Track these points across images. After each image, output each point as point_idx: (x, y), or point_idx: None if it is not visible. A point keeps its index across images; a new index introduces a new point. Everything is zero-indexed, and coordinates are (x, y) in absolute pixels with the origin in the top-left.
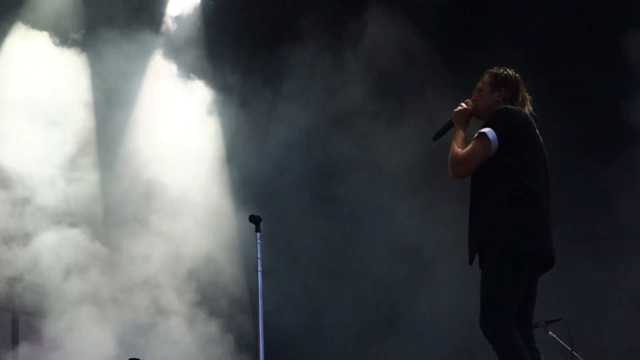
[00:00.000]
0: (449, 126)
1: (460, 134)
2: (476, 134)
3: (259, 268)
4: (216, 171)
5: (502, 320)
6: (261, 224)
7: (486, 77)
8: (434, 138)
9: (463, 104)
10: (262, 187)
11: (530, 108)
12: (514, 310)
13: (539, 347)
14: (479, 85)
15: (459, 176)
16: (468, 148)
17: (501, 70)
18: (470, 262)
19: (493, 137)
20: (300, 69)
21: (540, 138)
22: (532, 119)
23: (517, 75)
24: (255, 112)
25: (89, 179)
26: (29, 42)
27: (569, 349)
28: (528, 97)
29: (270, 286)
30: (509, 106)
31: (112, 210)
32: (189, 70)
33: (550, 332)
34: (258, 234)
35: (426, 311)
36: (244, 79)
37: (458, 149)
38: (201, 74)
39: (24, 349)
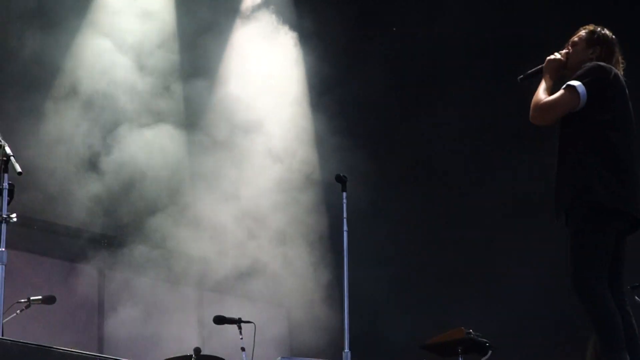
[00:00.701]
0: (538, 71)
1: (547, 82)
2: (564, 85)
3: (345, 228)
4: None
5: (592, 280)
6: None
7: (582, 32)
8: (521, 79)
9: (557, 54)
10: None
11: (622, 71)
12: (604, 270)
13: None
14: (574, 39)
15: (540, 122)
16: (555, 96)
17: (599, 28)
18: (556, 218)
19: (582, 91)
20: None
21: (630, 102)
22: (622, 78)
23: (613, 36)
24: None
25: None
26: None
27: None
28: (622, 60)
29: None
30: (601, 62)
31: None
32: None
33: (636, 297)
34: (344, 193)
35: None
36: None
37: (543, 95)
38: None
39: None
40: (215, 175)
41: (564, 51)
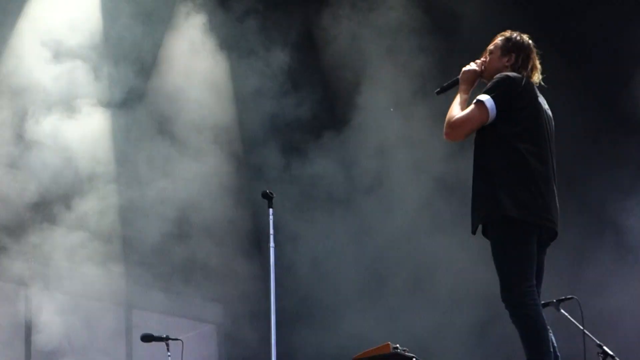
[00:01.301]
0: (454, 83)
1: (463, 94)
2: (475, 100)
3: (272, 244)
4: None
5: (520, 292)
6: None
7: (498, 40)
8: (437, 92)
9: (472, 64)
10: None
11: (539, 77)
12: (531, 279)
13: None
14: (490, 47)
15: (452, 139)
16: (464, 112)
17: (515, 34)
18: (473, 232)
19: (491, 105)
20: None
21: (545, 107)
22: (534, 87)
23: (530, 41)
24: None
25: None
26: None
27: (581, 327)
28: (538, 66)
29: None
30: (510, 73)
31: None
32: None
33: (562, 310)
34: (270, 209)
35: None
36: None
37: (455, 112)
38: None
39: None
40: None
41: (480, 60)
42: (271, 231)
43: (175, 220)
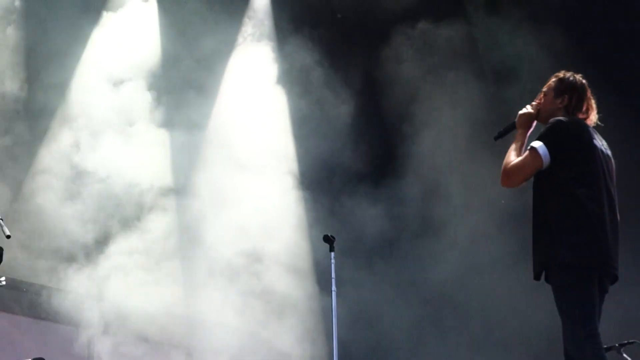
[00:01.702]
0: (511, 127)
1: (520, 138)
2: (529, 146)
3: (333, 288)
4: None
5: (585, 340)
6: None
7: (552, 81)
8: (495, 137)
9: (527, 107)
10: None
11: (595, 117)
12: (592, 322)
13: None
14: (544, 89)
15: (508, 186)
16: (519, 160)
17: (568, 75)
18: (536, 278)
19: (544, 152)
20: None
21: (602, 147)
22: (590, 128)
23: (584, 81)
24: None
25: None
26: None
27: None
28: (594, 106)
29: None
30: (564, 117)
31: None
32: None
33: (624, 355)
34: (332, 253)
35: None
36: None
37: (511, 158)
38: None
39: None
40: None
41: (535, 102)
42: (332, 274)
43: (243, 249)
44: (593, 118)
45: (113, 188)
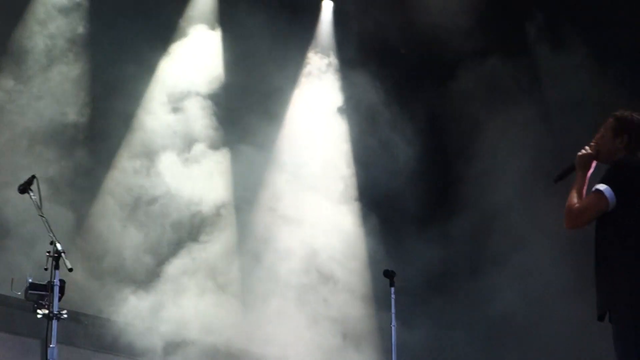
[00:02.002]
0: (571, 169)
1: (580, 180)
2: (593, 189)
3: (393, 323)
4: None
5: None
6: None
7: (610, 121)
8: (555, 180)
9: (586, 147)
10: None
11: None
12: None
13: None
14: (602, 129)
15: (572, 227)
16: (584, 202)
17: (626, 114)
18: (600, 319)
19: (610, 195)
20: None
21: None
22: None
23: None
24: None
25: None
26: None
27: None
28: None
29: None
30: (628, 158)
31: None
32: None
33: None
34: (392, 288)
35: None
36: None
37: (574, 200)
38: None
39: None
40: None
41: (593, 143)
42: (392, 310)
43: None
44: None
45: (175, 209)
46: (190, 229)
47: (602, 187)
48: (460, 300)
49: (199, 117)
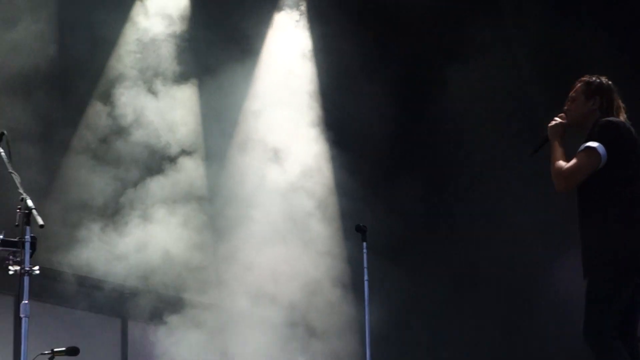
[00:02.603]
0: (544, 140)
1: (557, 148)
2: (582, 147)
3: (366, 277)
4: None
5: (605, 332)
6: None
7: (579, 86)
8: (531, 153)
9: (556, 118)
10: None
11: (625, 116)
12: (617, 322)
13: None
14: (572, 94)
15: (566, 189)
16: (574, 161)
17: (594, 78)
18: (584, 277)
19: (603, 151)
20: None
21: None
22: (631, 126)
23: (610, 82)
24: None
25: None
26: None
27: None
28: (622, 105)
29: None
30: (612, 118)
31: None
32: None
33: None
34: (364, 243)
35: None
36: None
37: (562, 163)
38: None
39: None
40: None
41: (565, 109)
42: (365, 264)
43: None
44: (622, 118)
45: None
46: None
47: (593, 144)
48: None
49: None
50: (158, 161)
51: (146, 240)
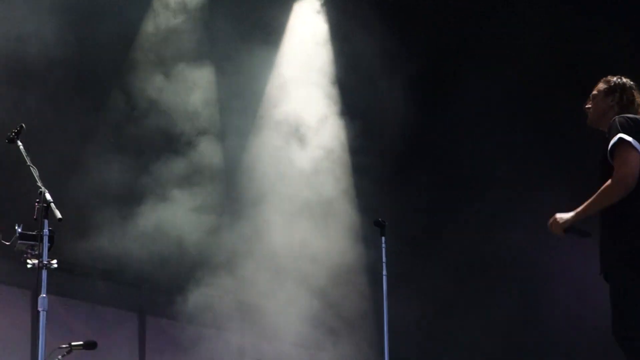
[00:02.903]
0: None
1: (582, 212)
2: (615, 142)
3: (384, 272)
4: None
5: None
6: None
7: (600, 84)
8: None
9: (557, 216)
10: None
11: None
12: None
13: None
14: (593, 92)
15: (627, 191)
16: (619, 164)
17: (615, 77)
18: (600, 273)
19: (636, 144)
20: None
21: None
22: None
23: (631, 81)
24: None
25: None
26: None
27: None
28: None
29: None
30: (627, 114)
31: None
32: None
33: None
34: (383, 237)
35: None
36: None
37: (606, 183)
38: None
39: None
40: None
41: (584, 108)
42: (384, 259)
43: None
44: None
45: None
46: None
47: (623, 136)
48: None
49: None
50: (176, 145)
51: (162, 224)
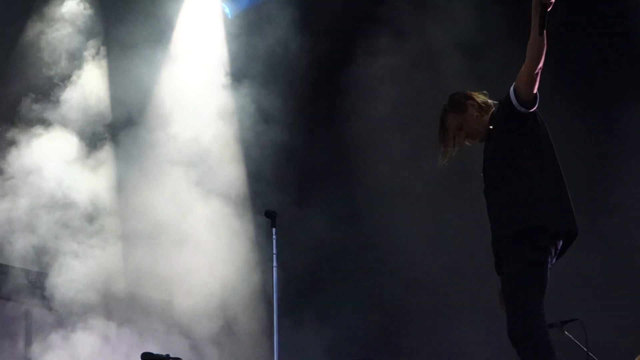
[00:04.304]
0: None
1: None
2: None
3: (274, 264)
4: None
5: (538, 319)
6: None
7: (448, 117)
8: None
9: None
10: None
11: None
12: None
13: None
14: (451, 130)
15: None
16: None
17: (452, 94)
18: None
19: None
20: None
21: None
22: None
23: (462, 91)
24: None
25: None
26: None
27: (585, 349)
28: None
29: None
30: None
31: None
32: None
33: (566, 332)
34: (274, 229)
35: None
36: None
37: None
38: None
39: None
40: None
41: (461, 144)
42: (274, 250)
43: None
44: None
45: None
46: None
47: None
48: None
49: None
50: None
51: None
